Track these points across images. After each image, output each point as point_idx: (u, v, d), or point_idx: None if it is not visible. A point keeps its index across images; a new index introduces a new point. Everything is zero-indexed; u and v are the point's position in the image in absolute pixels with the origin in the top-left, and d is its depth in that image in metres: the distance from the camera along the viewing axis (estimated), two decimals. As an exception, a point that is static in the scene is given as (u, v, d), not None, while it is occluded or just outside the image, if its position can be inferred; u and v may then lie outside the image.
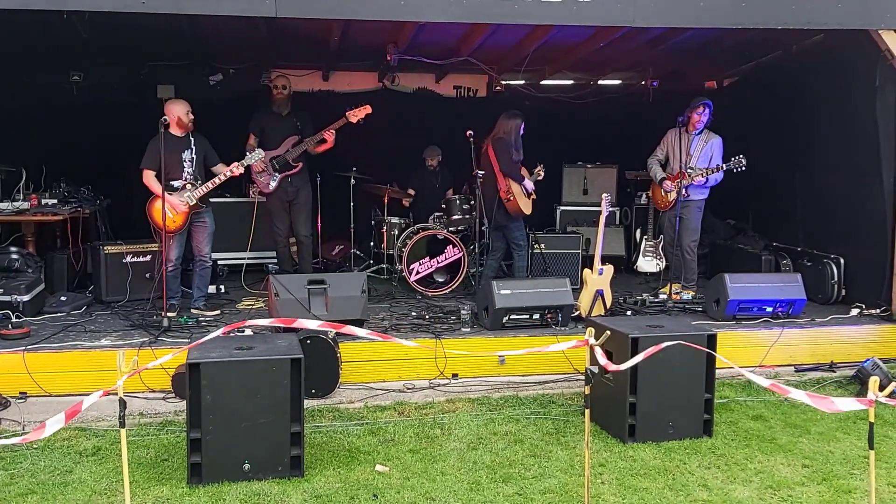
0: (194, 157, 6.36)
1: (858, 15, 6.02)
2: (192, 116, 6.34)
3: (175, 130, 6.27)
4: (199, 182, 6.34)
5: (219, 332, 3.62)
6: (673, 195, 7.17)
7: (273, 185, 7.19)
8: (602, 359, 3.50)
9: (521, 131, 7.16)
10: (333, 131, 7.07)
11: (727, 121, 7.73)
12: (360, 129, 7.32)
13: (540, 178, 7.40)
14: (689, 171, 6.98)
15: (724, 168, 6.95)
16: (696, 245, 7.34)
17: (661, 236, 7.66)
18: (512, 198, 6.99)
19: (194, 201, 6.30)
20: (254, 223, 7.63)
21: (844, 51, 6.82)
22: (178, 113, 6.27)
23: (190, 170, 6.33)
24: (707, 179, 7.02)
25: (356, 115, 7.05)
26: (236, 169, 6.37)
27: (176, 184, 6.23)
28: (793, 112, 7.87)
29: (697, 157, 7.08)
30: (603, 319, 5.41)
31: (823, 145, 7.40)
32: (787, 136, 7.96)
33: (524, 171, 7.23)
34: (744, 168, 6.88)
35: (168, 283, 6.23)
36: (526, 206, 7.17)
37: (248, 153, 6.59)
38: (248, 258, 7.90)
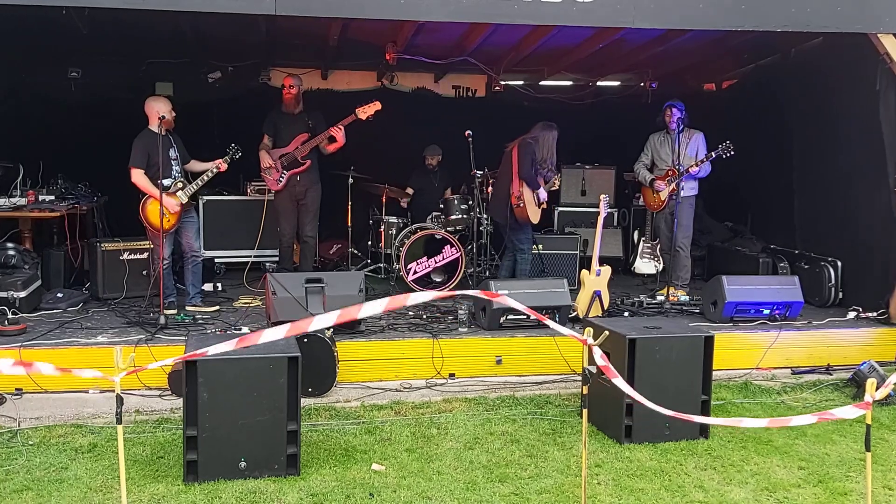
0: (178, 154, 6.37)
1: (857, 18, 6.03)
2: (174, 113, 6.33)
3: (159, 128, 6.24)
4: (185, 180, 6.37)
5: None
6: (665, 193, 7.20)
7: (281, 182, 7.18)
8: (602, 360, 3.49)
9: (555, 143, 7.16)
10: (342, 129, 7.06)
11: (726, 122, 7.75)
12: (359, 127, 7.31)
13: (555, 187, 7.41)
14: (678, 166, 7.01)
15: (714, 155, 6.97)
16: (690, 242, 7.36)
17: (659, 238, 7.66)
18: (522, 204, 6.98)
19: (186, 199, 6.31)
20: (263, 222, 7.61)
21: (843, 54, 6.83)
22: (163, 110, 6.23)
23: (178, 168, 6.34)
24: (700, 170, 7.06)
25: (365, 111, 7.05)
26: (222, 166, 6.43)
27: (166, 182, 6.22)
28: (791, 114, 7.88)
29: (683, 153, 7.14)
30: (600, 320, 5.41)
31: (821, 148, 7.41)
32: (785, 138, 7.97)
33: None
34: (732, 153, 6.89)
35: (163, 281, 6.22)
36: (534, 215, 7.17)
37: (260, 152, 6.62)
38: (254, 256, 7.89)
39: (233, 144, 6.59)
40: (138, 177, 6.13)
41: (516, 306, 3.63)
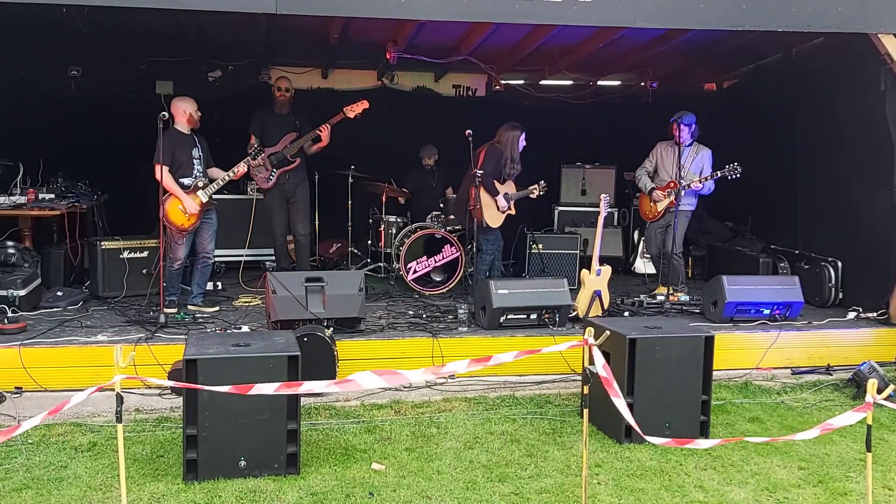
0: (202, 154, 6.38)
1: (858, 18, 6.03)
2: (200, 114, 6.35)
3: (183, 127, 6.27)
4: (207, 179, 6.37)
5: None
6: (662, 205, 7.17)
7: (271, 181, 7.22)
8: (602, 371, 3.48)
9: (521, 144, 7.14)
10: (328, 129, 7.09)
11: (726, 123, 7.74)
12: (359, 127, 7.31)
13: (533, 195, 7.37)
14: (680, 180, 6.96)
15: (720, 175, 6.94)
16: (680, 248, 7.34)
17: (648, 248, 7.62)
18: (478, 206, 6.94)
19: (206, 199, 6.31)
20: (252, 221, 7.63)
21: (844, 54, 6.83)
22: (189, 110, 6.28)
23: (200, 167, 6.34)
24: (703, 186, 7.02)
25: (353, 110, 7.10)
26: (241, 169, 6.44)
27: (187, 181, 6.22)
28: (792, 115, 7.87)
29: (688, 168, 7.07)
30: (600, 320, 5.40)
31: (822, 148, 7.41)
32: (785, 138, 7.97)
33: (509, 185, 7.20)
34: (738, 175, 6.87)
35: (171, 281, 6.23)
36: (492, 219, 7.07)
37: (249, 152, 6.67)
38: (247, 255, 7.90)
39: (255, 145, 6.71)
40: (159, 172, 6.12)
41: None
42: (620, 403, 3.49)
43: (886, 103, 6.43)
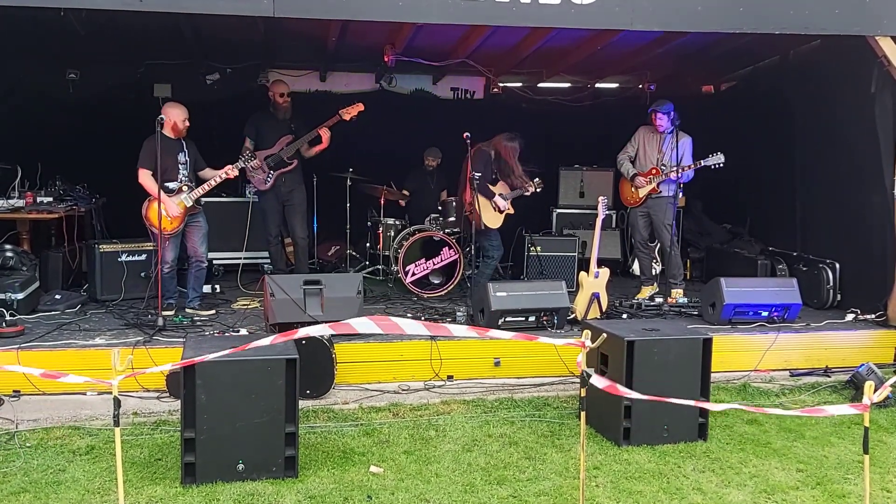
0: (188, 159, 6.38)
1: (855, 21, 6.03)
2: (188, 124, 6.33)
3: (169, 133, 6.25)
4: (193, 184, 6.36)
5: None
6: (644, 191, 7.18)
7: (269, 183, 7.22)
8: (598, 380, 3.47)
9: (516, 155, 7.13)
10: (328, 130, 7.09)
11: (724, 125, 7.74)
12: (357, 129, 7.31)
13: (527, 193, 7.37)
14: (662, 167, 6.99)
15: (702, 164, 6.95)
16: (675, 238, 7.35)
17: (633, 235, 7.61)
18: (475, 210, 6.94)
19: (191, 203, 6.30)
20: (248, 223, 7.64)
21: (842, 56, 6.83)
22: (175, 118, 6.24)
23: (185, 172, 6.35)
24: (682, 175, 7.03)
25: (349, 112, 7.11)
26: (231, 171, 6.41)
27: (172, 185, 6.22)
28: (790, 117, 7.88)
29: (669, 155, 7.07)
30: (598, 322, 5.40)
31: (820, 150, 7.41)
32: (784, 140, 7.97)
33: (502, 185, 7.21)
34: (721, 165, 6.88)
35: (165, 284, 6.21)
36: (490, 220, 7.09)
37: (243, 156, 6.66)
38: (244, 258, 7.90)
39: (247, 150, 6.69)
40: (144, 177, 6.13)
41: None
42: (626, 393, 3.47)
43: (876, 105, 6.45)
